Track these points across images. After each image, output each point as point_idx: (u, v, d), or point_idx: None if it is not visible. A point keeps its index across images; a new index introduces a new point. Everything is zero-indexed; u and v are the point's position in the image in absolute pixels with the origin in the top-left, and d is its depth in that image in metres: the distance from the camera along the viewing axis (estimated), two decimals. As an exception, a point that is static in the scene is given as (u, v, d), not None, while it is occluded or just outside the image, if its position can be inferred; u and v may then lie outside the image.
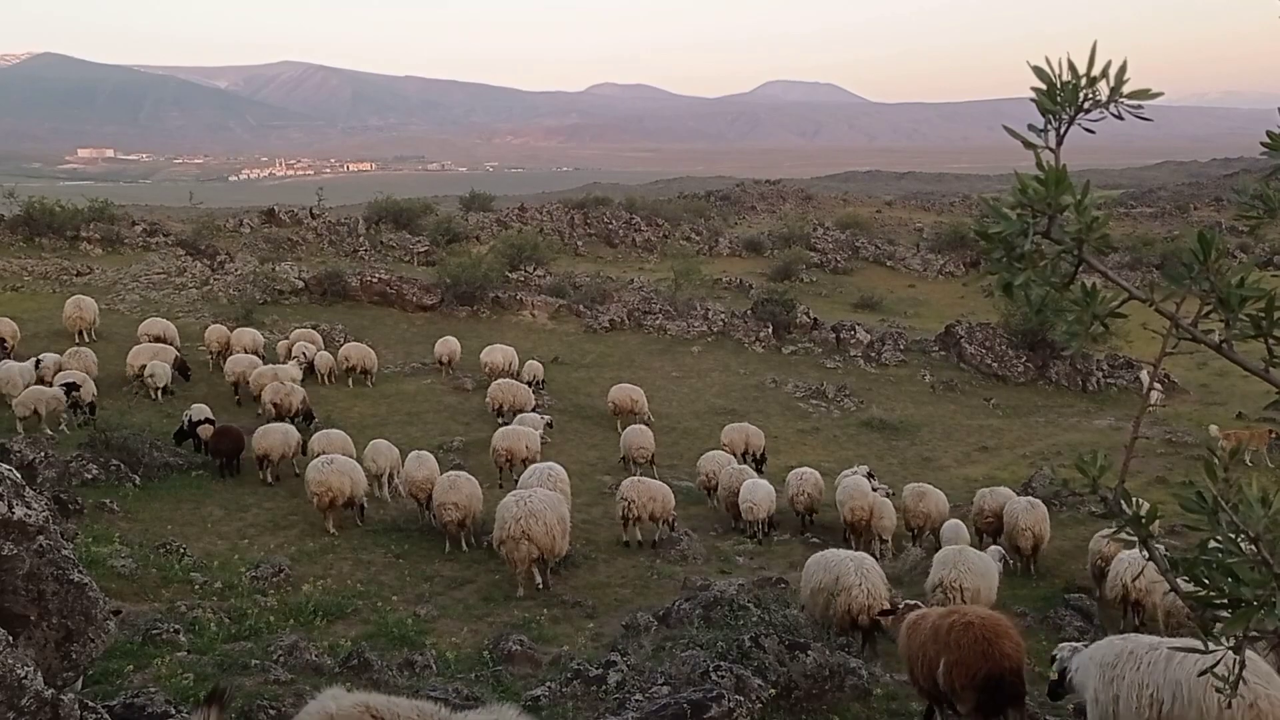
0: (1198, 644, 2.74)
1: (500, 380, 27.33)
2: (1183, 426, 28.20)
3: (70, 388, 22.52)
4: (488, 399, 26.51)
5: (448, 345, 31.43)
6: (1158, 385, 31.50)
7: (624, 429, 24.69)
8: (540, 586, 14.73)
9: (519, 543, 14.14)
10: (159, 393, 25.20)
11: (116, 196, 58.56)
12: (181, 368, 26.76)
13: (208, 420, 21.34)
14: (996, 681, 8.24)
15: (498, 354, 30.17)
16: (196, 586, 13.05)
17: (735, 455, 22.95)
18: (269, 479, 19.85)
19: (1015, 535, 17.27)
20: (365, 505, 18.13)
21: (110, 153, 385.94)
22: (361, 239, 50.46)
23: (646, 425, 24.94)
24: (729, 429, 24.57)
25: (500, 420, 26.03)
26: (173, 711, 7.45)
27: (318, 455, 18.40)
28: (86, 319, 29.51)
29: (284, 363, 28.28)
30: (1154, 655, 7.38)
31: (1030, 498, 18.07)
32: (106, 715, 6.21)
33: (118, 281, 37.00)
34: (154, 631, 10.53)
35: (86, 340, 28.53)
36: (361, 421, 24.67)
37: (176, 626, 10.85)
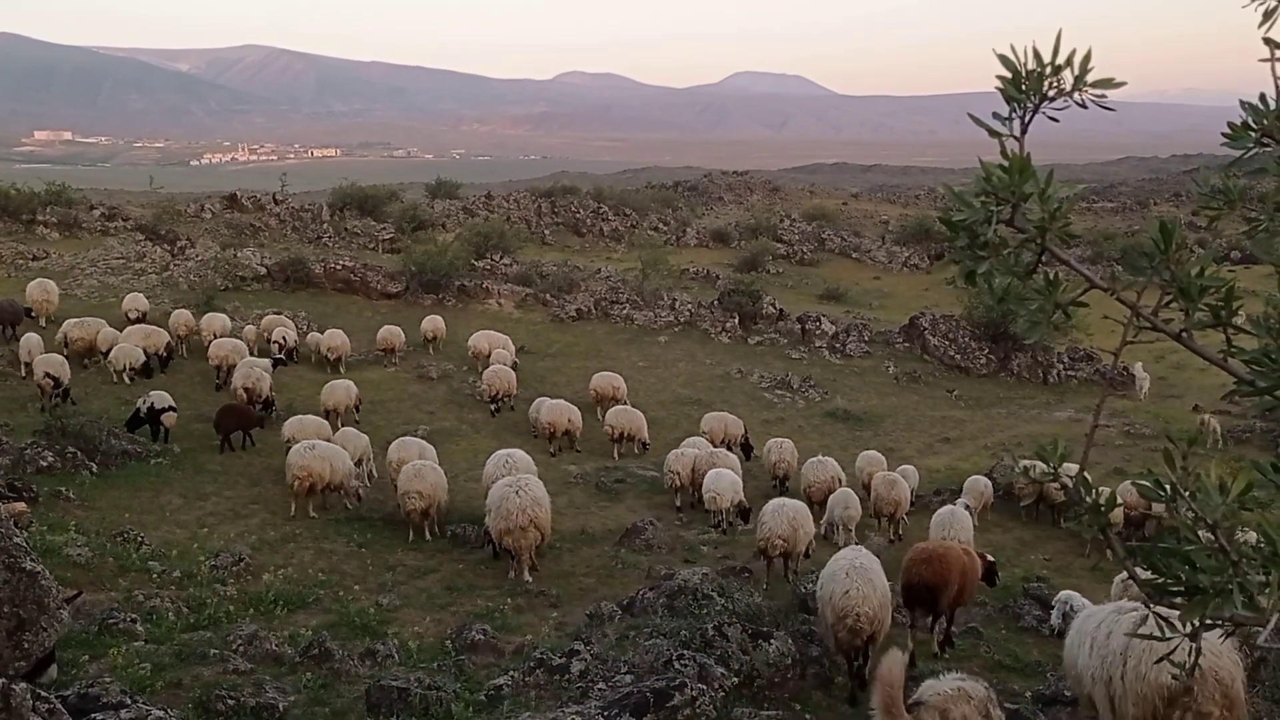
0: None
1: (495, 366, 27.76)
2: (1141, 419, 28.55)
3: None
4: (484, 384, 26.86)
5: (434, 323, 32.43)
6: (1145, 373, 31.90)
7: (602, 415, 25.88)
8: (532, 570, 14.86)
9: (526, 531, 14.38)
10: (124, 375, 24.96)
11: (74, 180, 57.52)
12: (168, 354, 26.75)
13: (170, 408, 21.10)
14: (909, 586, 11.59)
15: (483, 340, 30.62)
16: (154, 576, 12.90)
17: (714, 444, 23.21)
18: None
19: (1050, 495, 19.84)
20: (361, 491, 18.45)
21: (68, 135, 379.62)
22: (325, 225, 50.01)
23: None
24: (708, 418, 25.01)
25: (494, 407, 26.62)
26: (128, 701, 7.35)
27: (292, 441, 18.72)
28: (54, 303, 29.29)
29: (253, 351, 28.28)
30: (831, 564, 10.98)
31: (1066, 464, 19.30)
32: (59, 705, 6.11)
33: (75, 266, 36.43)
34: (110, 621, 10.41)
35: (44, 325, 28.19)
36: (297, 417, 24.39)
37: (133, 616, 10.73)
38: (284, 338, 28.52)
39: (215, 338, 27.60)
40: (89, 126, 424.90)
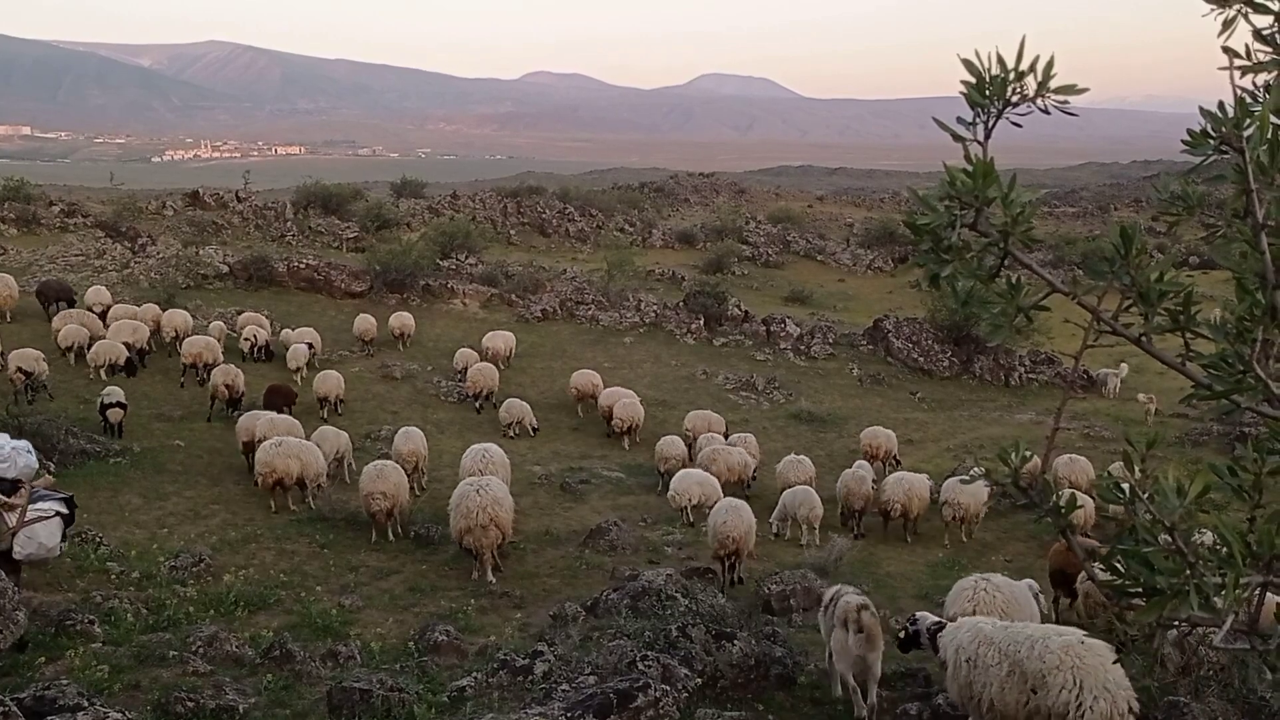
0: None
1: (480, 364, 28.40)
2: (1100, 422, 28.88)
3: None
4: (468, 382, 27.45)
5: (402, 320, 32.79)
6: (1115, 374, 32.67)
7: (584, 412, 28.01)
8: (496, 570, 14.88)
9: (486, 530, 14.42)
10: (102, 372, 24.81)
11: (33, 175, 56.66)
12: (140, 354, 26.54)
13: (116, 404, 20.88)
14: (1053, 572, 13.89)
15: (499, 340, 31.70)
16: (113, 576, 12.73)
17: (694, 441, 23.77)
18: (325, 415, 24.04)
19: (1057, 484, 20.23)
20: (323, 485, 18.34)
21: (27, 130, 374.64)
22: (289, 224, 49.55)
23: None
24: (691, 415, 25.56)
25: (478, 405, 27.22)
26: (85, 704, 7.24)
27: (263, 439, 18.68)
28: (14, 298, 29.08)
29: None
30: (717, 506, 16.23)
31: (1073, 455, 21.58)
32: (15, 708, 6.01)
33: (33, 263, 35.90)
34: (67, 622, 10.26)
35: (4, 321, 27.90)
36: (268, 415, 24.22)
37: (91, 617, 10.58)
38: (254, 335, 28.39)
39: (178, 335, 27.48)
40: (48, 121, 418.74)
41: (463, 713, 8.59)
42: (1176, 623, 2.73)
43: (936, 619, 9.68)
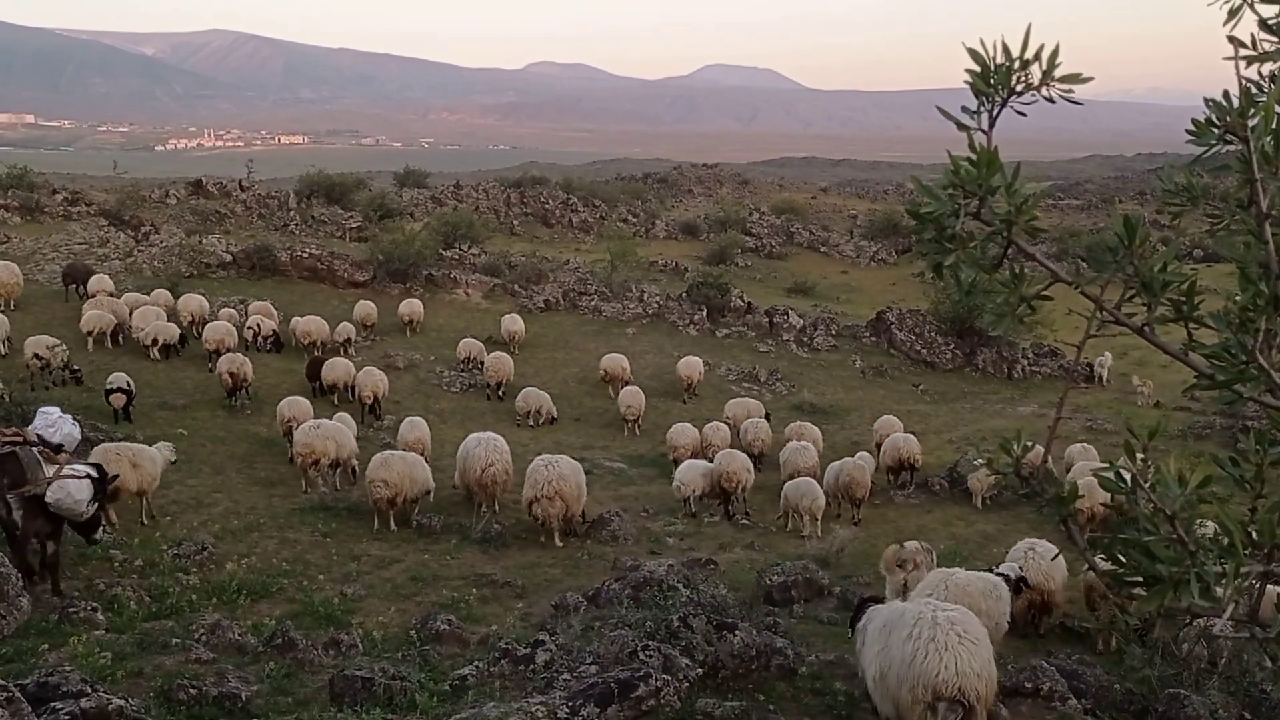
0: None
1: (496, 353, 28.87)
2: (1102, 415, 28.85)
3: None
4: (489, 370, 27.91)
5: (411, 307, 33.33)
6: (1101, 362, 32.90)
7: (617, 394, 27.90)
8: (573, 535, 16.69)
9: (552, 501, 16.11)
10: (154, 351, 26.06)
11: (36, 164, 56.76)
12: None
13: (119, 389, 20.95)
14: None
15: (517, 324, 32.78)
16: (116, 564, 12.75)
17: (736, 428, 24.18)
18: (335, 401, 24.43)
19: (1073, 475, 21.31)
20: (355, 468, 18.95)
21: (30, 118, 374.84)
22: (292, 213, 49.58)
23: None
24: (731, 404, 26.31)
25: (500, 394, 27.49)
26: (89, 690, 7.26)
27: (287, 420, 20.10)
28: (21, 286, 29.26)
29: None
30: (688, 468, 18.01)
31: (1085, 444, 22.45)
32: (18, 694, 6.03)
33: (37, 251, 35.91)
34: (70, 609, 10.28)
35: (9, 309, 27.95)
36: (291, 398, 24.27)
37: (94, 604, 10.60)
38: (257, 325, 28.45)
39: (194, 320, 28.24)
40: (51, 110, 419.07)
41: (464, 701, 8.60)
42: (1177, 612, 2.74)
43: None
